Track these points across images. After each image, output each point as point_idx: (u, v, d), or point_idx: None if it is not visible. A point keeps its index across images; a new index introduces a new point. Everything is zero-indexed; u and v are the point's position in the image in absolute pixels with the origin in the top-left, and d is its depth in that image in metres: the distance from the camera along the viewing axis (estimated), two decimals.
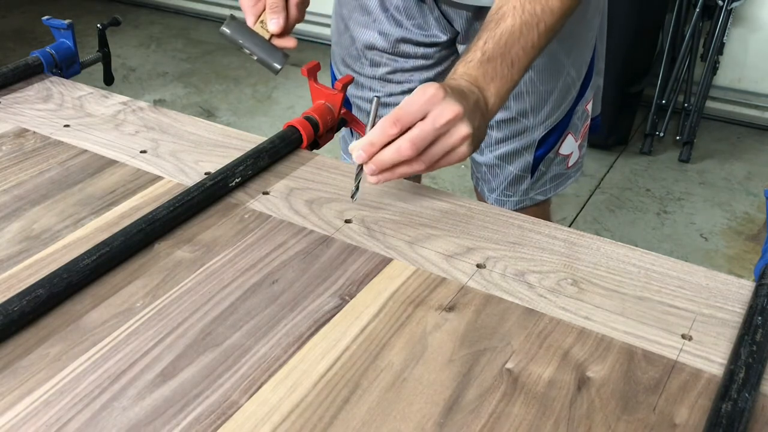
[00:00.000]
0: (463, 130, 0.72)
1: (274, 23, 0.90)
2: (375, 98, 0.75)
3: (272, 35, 0.92)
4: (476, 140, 0.74)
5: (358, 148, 0.72)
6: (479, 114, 0.75)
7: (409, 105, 0.71)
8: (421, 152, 0.71)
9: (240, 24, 0.92)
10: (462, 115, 0.71)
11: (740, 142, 2.69)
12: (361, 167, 0.75)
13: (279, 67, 0.92)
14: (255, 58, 0.92)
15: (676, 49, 2.55)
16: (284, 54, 0.92)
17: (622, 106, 2.55)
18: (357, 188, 0.76)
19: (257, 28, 0.91)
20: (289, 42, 0.92)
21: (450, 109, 0.70)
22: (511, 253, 0.72)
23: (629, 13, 2.40)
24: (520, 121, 1.08)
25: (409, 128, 0.71)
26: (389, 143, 0.71)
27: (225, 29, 0.91)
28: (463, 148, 0.73)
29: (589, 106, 1.16)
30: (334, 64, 1.21)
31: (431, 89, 0.70)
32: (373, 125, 0.73)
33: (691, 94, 2.60)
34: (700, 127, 2.61)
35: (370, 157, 0.72)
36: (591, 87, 1.14)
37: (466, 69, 0.78)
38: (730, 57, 2.65)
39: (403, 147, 0.70)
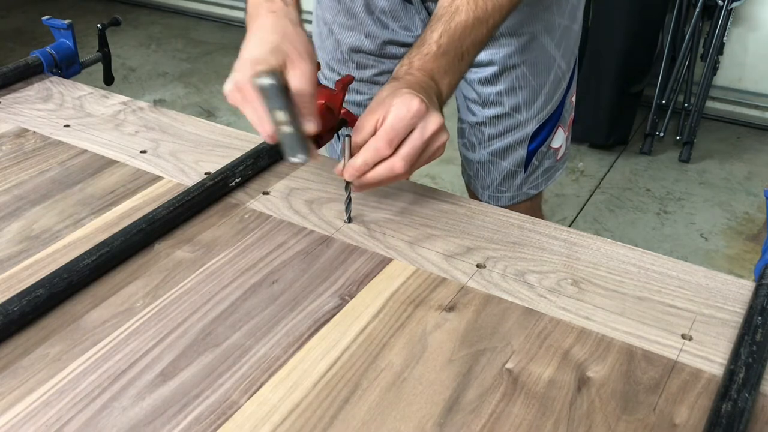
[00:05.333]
0: (444, 136, 0.74)
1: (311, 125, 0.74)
2: (345, 137, 0.74)
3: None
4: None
5: (352, 168, 0.72)
6: (436, 108, 0.77)
7: (398, 122, 0.71)
8: None
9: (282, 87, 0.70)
10: (443, 123, 0.73)
11: (740, 142, 2.68)
12: (349, 198, 0.76)
13: (298, 161, 0.71)
14: (286, 130, 0.70)
15: (676, 49, 2.55)
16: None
17: (622, 106, 2.55)
18: (349, 215, 0.77)
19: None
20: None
21: (434, 120, 0.72)
22: (511, 253, 0.72)
23: (629, 13, 2.40)
24: (514, 116, 1.09)
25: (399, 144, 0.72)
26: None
27: (263, 81, 0.68)
28: (441, 150, 0.76)
29: (573, 98, 1.17)
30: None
31: (414, 103, 0.71)
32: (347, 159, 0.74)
33: (691, 94, 2.60)
34: (700, 127, 2.60)
35: (362, 175, 0.73)
36: (575, 79, 1.15)
37: (423, 63, 0.80)
38: (730, 57, 2.65)
39: (397, 166, 0.72)
